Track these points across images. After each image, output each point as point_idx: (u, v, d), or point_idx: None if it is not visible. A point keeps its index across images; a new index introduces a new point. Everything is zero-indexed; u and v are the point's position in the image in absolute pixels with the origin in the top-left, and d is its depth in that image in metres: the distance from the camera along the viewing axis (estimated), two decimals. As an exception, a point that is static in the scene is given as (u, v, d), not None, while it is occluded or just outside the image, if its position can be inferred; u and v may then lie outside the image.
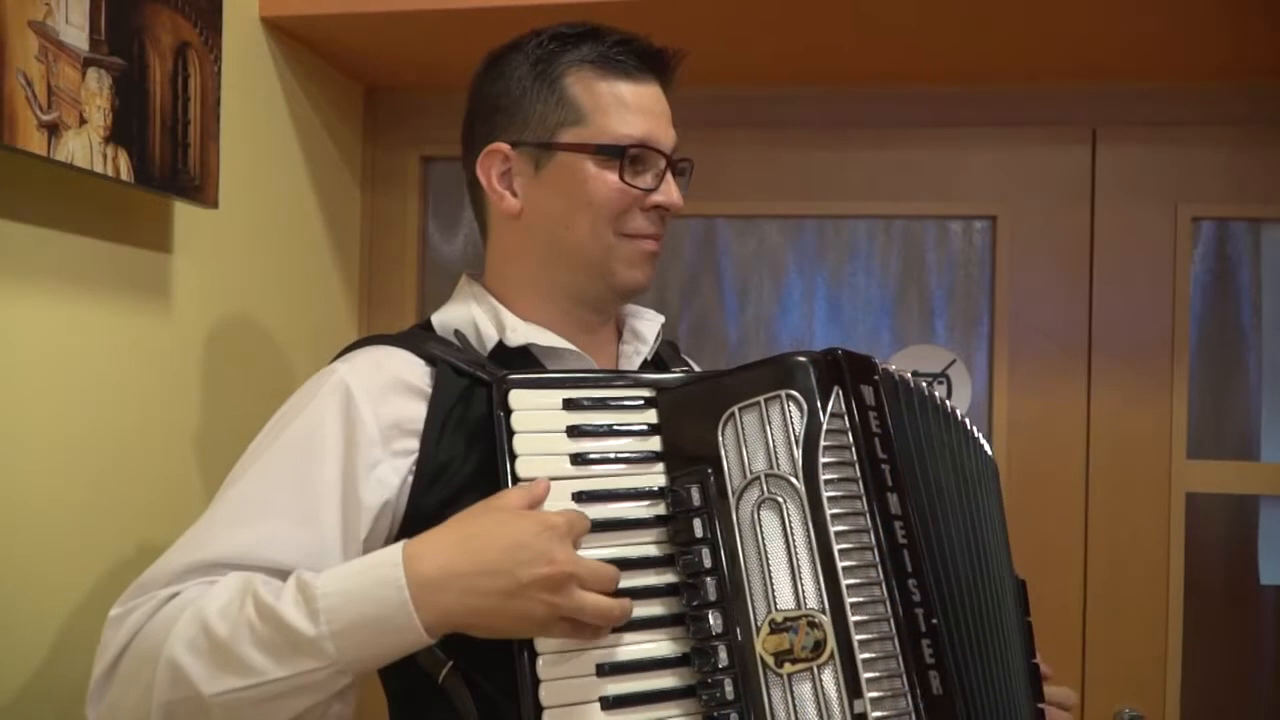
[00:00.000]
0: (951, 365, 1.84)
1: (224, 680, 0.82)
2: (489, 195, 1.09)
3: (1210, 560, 1.77)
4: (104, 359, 1.20)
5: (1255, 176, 1.73)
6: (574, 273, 1.07)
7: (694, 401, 0.95)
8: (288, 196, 1.61)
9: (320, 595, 0.83)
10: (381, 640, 0.83)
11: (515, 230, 1.09)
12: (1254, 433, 1.79)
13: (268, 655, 0.82)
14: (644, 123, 1.05)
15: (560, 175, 1.05)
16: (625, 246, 1.06)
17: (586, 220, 1.05)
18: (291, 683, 0.82)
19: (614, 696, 0.87)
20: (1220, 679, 1.78)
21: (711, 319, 1.89)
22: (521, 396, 0.93)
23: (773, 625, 0.86)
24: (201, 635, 0.83)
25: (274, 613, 0.82)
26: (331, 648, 0.81)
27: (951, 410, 1.06)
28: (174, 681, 0.83)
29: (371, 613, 0.82)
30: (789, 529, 0.88)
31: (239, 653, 0.82)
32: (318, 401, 0.97)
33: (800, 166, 1.83)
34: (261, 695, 0.82)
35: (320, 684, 0.82)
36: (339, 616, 0.82)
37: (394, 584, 0.83)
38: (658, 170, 1.07)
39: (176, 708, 0.83)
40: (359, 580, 0.84)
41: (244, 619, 0.83)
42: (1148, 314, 1.76)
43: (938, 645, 0.88)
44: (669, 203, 1.07)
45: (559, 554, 0.84)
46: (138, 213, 1.24)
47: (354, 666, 0.83)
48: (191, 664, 0.82)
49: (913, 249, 1.85)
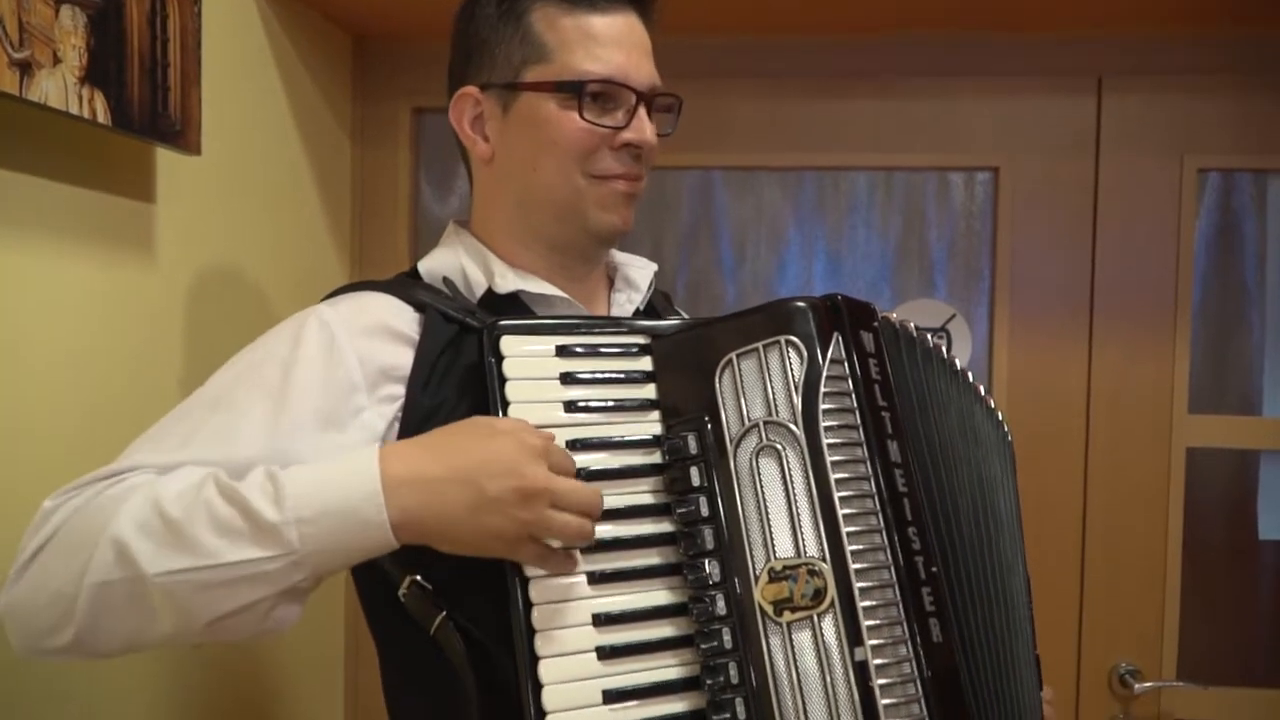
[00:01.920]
0: (951, 320, 1.82)
1: (171, 560, 0.78)
2: (463, 141, 1.07)
3: (1210, 515, 1.77)
4: (84, 310, 1.17)
5: (1262, 127, 1.71)
6: (548, 218, 1.04)
7: (690, 348, 0.93)
8: (274, 147, 1.57)
9: (288, 482, 0.80)
10: (346, 534, 0.80)
11: (491, 176, 1.07)
12: (1256, 387, 1.77)
13: (223, 538, 0.78)
14: (612, 57, 1.01)
15: (525, 117, 1.02)
16: (596, 189, 1.03)
17: (552, 162, 1.02)
18: (243, 569, 0.78)
19: (610, 646, 0.86)
20: (1218, 633, 1.78)
21: (709, 276, 1.86)
22: (513, 343, 0.91)
23: (772, 574, 0.85)
24: (154, 516, 0.79)
25: (237, 495, 0.79)
26: (294, 535, 0.78)
27: (962, 370, 1.04)
28: (115, 560, 0.78)
29: (338, 502, 0.79)
30: (788, 476, 0.86)
31: (192, 534, 0.78)
32: (302, 347, 0.94)
33: (800, 117, 1.80)
34: (208, 580, 0.78)
35: (273, 575, 0.79)
36: (306, 504, 0.79)
37: (366, 473, 0.81)
38: (628, 107, 1.02)
39: (111, 590, 0.78)
40: (329, 471, 0.82)
41: (202, 501, 0.79)
42: (1151, 267, 1.73)
43: (938, 593, 0.88)
44: (639, 140, 1.02)
45: (530, 470, 0.82)
46: (117, 159, 1.21)
47: (312, 560, 0.79)
48: (139, 544, 0.78)
49: (913, 203, 1.82)
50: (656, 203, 1.87)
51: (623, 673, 0.86)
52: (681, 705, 0.87)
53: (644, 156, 1.05)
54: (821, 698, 0.83)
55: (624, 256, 1.16)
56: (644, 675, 0.87)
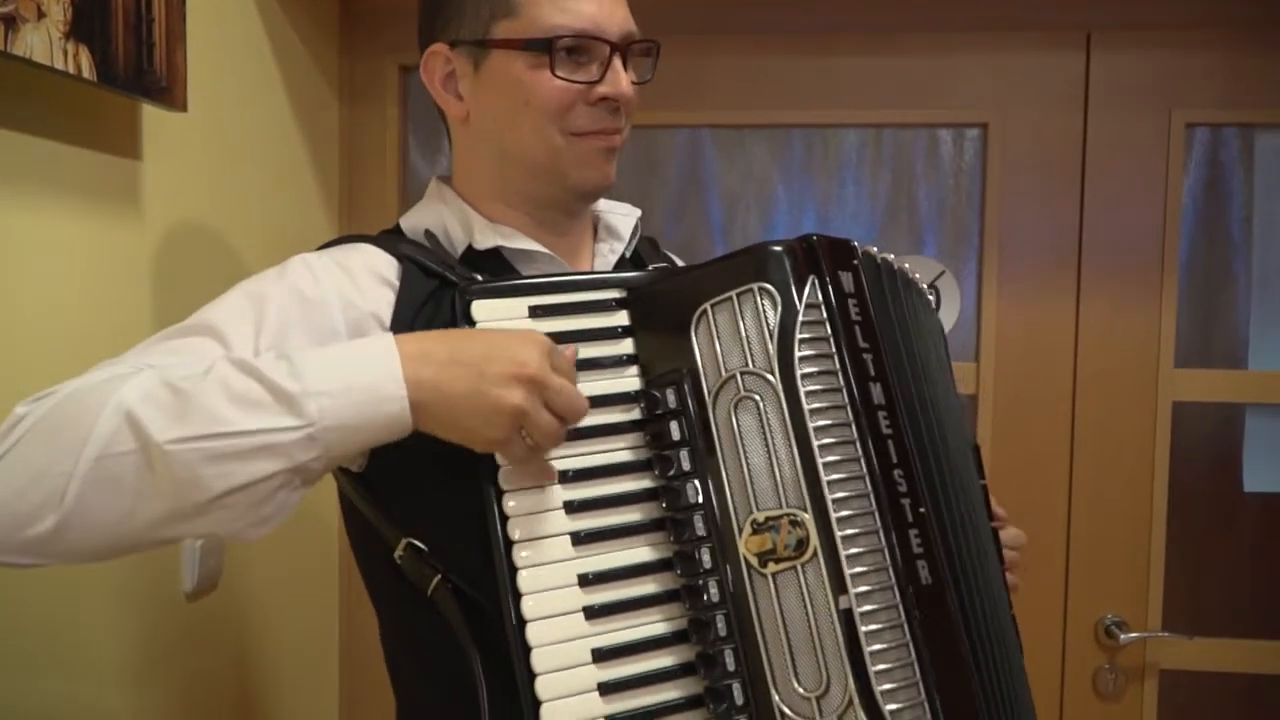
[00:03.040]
0: (940, 277, 1.82)
1: (184, 427, 0.74)
2: (437, 101, 1.05)
3: (1195, 468, 1.78)
4: (70, 267, 1.17)
5: (1251, 81, 1.70)
6: (527, 176, 1.02)
7: (665, 301, 0.92)
8: (261, 105, 1.56)
9: (305, 359, 0.79)
10: (365, 409, 0.78)
11: (468, 135, 1.05)
12: (1242, 341, 1.78)
13: (239, 407, 0.75)
14: (582, 8, 0.98)
15: (496, 74, 1.00)
16: (575, 146, 1.00)
17: (527, 121, 0.99)
18: (258, 439, 0.75)
19: (598, 605, 0.86)
20: (1203, 586, 1.80)
21: (699, 237, 1.86)
22: (485, 307, 0.90)
23: (755, 526, 0.85)
24: (162, 389, 0.76)
25: (253, 368, 0.77)
26: (313, 407, 0.76)
27: (923, 288, 1.04)
28: (121, 430, 0.74)
29: (359, 377, 0.78)
30: (767, 427, 0.86)
31: (207, 403, 0.75)
32: (285, 278, 0.93)
33: (787, 74, 1.79)
34: (221, 450, 0.74)
35: (288, 447, 0.76)
36: (325, 379, 0.77)
37: (385, 351, 0.80)
38: (602, 59, 0.99)
39: (114, 463, 0.74)
40: (345, 350, 0.82)
41: (215, 376, 0.77)
42: (1139, 222, 1.74)
43: (926, 535, 0.87)
44: (615, 94, 0.99)
45: (533, 361, 0.81)
46: (103, 115, 1.20)
47: (327, 437, 0.77)
48: (148, 412, 0.74)
49: (903, 161, 1.82)
50: (645, 163, 1.86)
51: (611, 630, 0.86)
52: (670, 659, 0.87)
53: (623, 109, 1.02)
54: (809, 647, 0.83)
55: (606, 204, 1.14)
56: (632, 632, 0.87)
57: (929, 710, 0.83)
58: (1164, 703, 1.76)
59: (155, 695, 1.32)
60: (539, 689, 0.83)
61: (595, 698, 0.85)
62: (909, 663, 0.83)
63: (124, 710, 1.26)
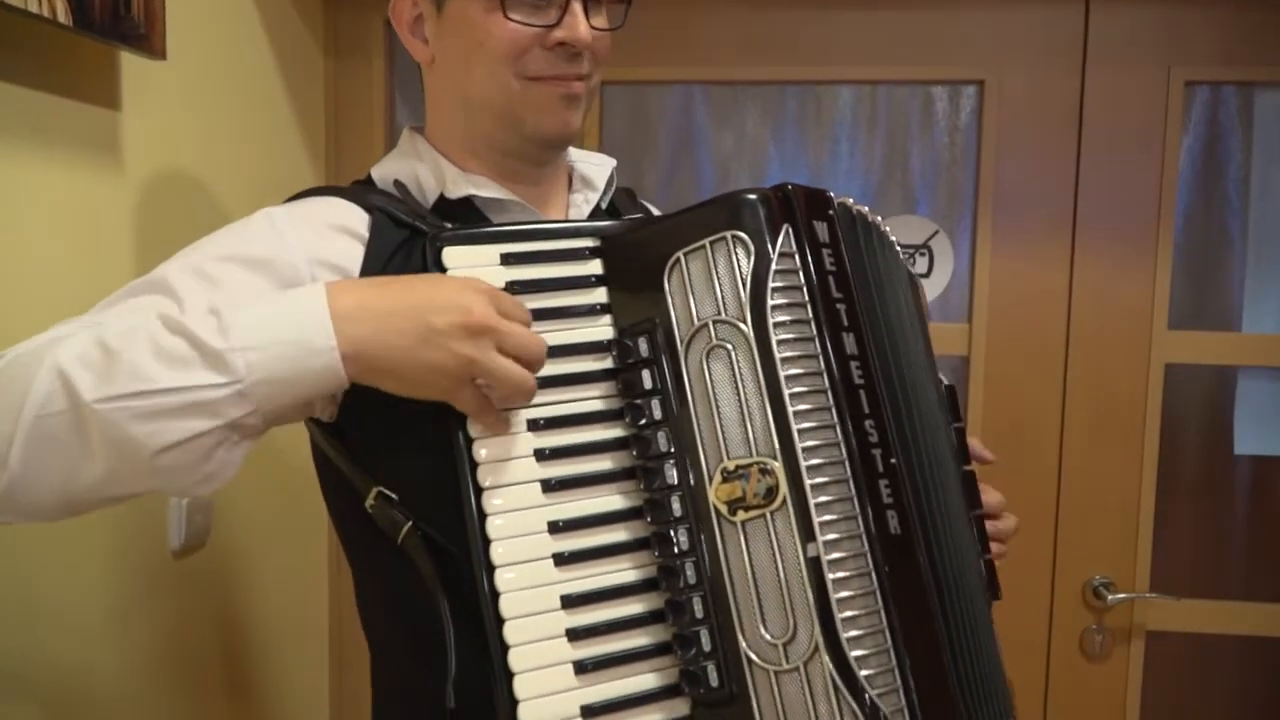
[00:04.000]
0: (934, 237, 1.81)
1: (110, 386, 0.74)
2: (405, 44, 1.04)
3: (1187, 430, 1.78)
4: (48, 218, 1.16)
5: (1251, 39, 1.68)
6: (488, 122, 1.01)
7: (638, 249, 0.91)
8: (245, 57, 1.55)
9: (233, 314, 0.78)
10: (293, 363, 0.77)
11: (435, 80, 1.04)
12: (1236, 303, 1.77)
13: (164, 364, 0.75)
14: None
15: (456, 17, 0.99)
16: (531, 91, 0.98)
17: (483, 65, 0.98)
18: (186, 396, 0.75)
19: (568, 552, 0.86)
20: (1192, 547, 1.80)
21: (690, 197, 1.84)
22: (456, 254, 0.89)
23: (725, 474, 0.85)
24: (94, 348, 0.76)
25: (181, 325, 0.77)
26: (240, 362, 0.76)
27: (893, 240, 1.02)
28: (55, 390, 0.75)
29: (286, 330, 0.77)
30: (738, 375, 0.85)
31: (133, 360, 0.75)
32: (247, 230, 0.93)
33: (782, 29, 1.76)
34: (149, 408, 0.74)
35: (218, 404, 0.76)
36: (252, 333, 0.77)
37: (313, 303, 0.79)
38: (561, 3, 0.97)
39: (50, 423, 0.75)
40: (276, 303, 0.80)
41: (144, 333, 0.77)
42: (1135, 183, 1.72)
43: (896, 485, 0.87)
44: (572, 39, 0.97)
45: (477, 307, 0.81)
46: (80, 62, 1.19)
47: (258, 391, 0.76)
48: (78, 372, 0.75)
49: (897, 120, 1.80)
50: (637, 121, 1.85)
51: (580, 577, 0.86)
52: (639, 607, 0.87)
53: (587, 56, 1.00)
54: (777, 595, 0.82)
55: (579, 154, 1.12)
56: (602, 579, 0.87)
57: (894, 657, 0.83)
58: (1150, 664, 1.77)
59: (143, 651, 1.33)
60: (507, 634, 0.83)
61: (564, 643, 0.84)
62: (875, 610, 0.83)
63: (109, 664, 1.26)
